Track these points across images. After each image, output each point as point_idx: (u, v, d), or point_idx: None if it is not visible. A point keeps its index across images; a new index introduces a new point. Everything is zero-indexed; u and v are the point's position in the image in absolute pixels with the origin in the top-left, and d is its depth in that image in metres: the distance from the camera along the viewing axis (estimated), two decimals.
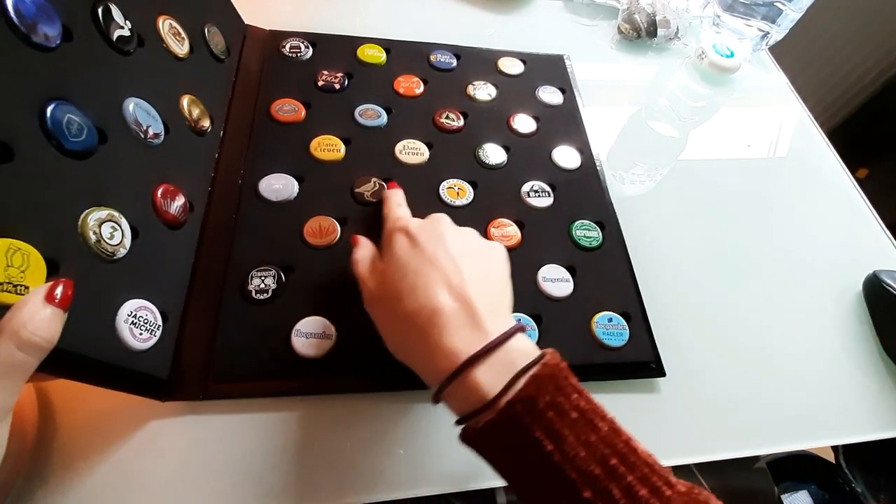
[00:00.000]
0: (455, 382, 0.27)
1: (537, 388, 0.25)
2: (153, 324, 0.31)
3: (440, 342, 0.28)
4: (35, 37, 0.26)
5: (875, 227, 0.54)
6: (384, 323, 0.32)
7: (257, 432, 0.34)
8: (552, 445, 0.24)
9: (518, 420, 0.25)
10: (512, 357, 0.27)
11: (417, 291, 0.29)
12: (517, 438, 0.25)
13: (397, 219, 0.35)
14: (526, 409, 0.25)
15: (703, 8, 0.69)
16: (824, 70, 1.25)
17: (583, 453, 0.24)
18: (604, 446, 0.24)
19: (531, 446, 0.25)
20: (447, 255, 0.31)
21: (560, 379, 0.26)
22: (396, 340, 0.31)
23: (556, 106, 0.54)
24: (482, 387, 0.26)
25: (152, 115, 0.35)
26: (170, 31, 0.38)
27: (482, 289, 0.30)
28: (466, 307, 0.28)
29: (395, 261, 0.32)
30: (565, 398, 0.25)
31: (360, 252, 0.35)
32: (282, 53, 0.51)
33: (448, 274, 0.30)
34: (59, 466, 0.31)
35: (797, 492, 0.77)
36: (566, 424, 0.25)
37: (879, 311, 0.47)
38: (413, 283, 0.30)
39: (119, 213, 0.30)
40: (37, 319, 0.22)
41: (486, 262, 0.33)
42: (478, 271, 0.31)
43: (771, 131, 0.61)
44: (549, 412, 0.25)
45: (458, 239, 0.33)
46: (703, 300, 0.45)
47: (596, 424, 0.25)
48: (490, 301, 0.30)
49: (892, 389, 0.44)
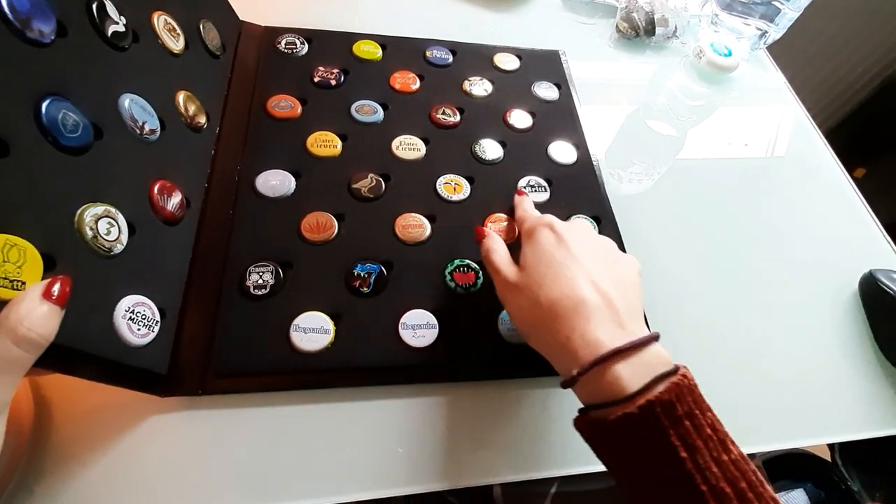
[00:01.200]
0: (595, 371, 0.28)
1: (677, 396, 0.26)
2: (151, 319, 0.31)
3: (585, 331, 0.29)
4: (29, 32, 0.26)
5: (872, 227, 0.54)
6: (521, 309, 0.33)
7: (256, 427, 0.34)
8: (686, 454, 0.25)
9: (656, 421, 0.26)
10: (652, 360, 0.28)
11: (562, 281, 0.31)
12: (650, 438, 0.26)
13: (541, 216, 0.37)
14: (665, 413, 0.26)
15: (701, 7, 0.69)
16: (822, 69, 1.25)
17: (715, 469, 0.25)
18: (735, 469, 0.25)
19: (665, 449, 0.25)
20: (591, 255, 0.32)
21: (696, 394, 0.27)
22: (534, 326, 0.32)
23: (552, 101, 0.54)
24: (622, 381, 0.27)
25: (148, 111, 0.35)
26: (165, 27, 0.38)
27: (621, 292, 0.31)
28: (609, 304, 0.30)
29: (540, 251, 0.33)
30: (701, 413, 0.26)
31: (493, 243, 0.37)
32: (277, 50, 0.51)
33: (591, 271, 0.31)
34: (56, 462, 0.31)
35: (793, 490, 0.78)
36: (701, 438, 0.26)
37: (875, 310, 0.47)
38: (557, 272, 0.31)
39: (116, 210, 0.30)
40: (34, 316, 0.22)
41: (624, 270, 0.33)
42: (617, 276, 0.32)
43: (769, 131, 0.61)
44: (686, 421, 0.26)
45: (599, 244, 0.34)
46: (700, 298, 0.45)
47: (728, 446, 0.26)
48: (629, 304, 0.31)
49: (888, 388, 0.44)
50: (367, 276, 0.39)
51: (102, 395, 0.33)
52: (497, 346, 0.38)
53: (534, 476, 0.35)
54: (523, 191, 0.44)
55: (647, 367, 0.27)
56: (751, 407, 0.41)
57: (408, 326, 0.37)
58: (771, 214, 0.53)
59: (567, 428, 0.37)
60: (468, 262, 0.41)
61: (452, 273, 0.40)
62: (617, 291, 0.31)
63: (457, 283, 0.40)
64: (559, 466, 0.36)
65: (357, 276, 0.39)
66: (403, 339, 0.37)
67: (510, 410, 0.37)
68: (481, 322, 0.39)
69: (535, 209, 0.41)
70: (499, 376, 0.38)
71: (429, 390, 0.37)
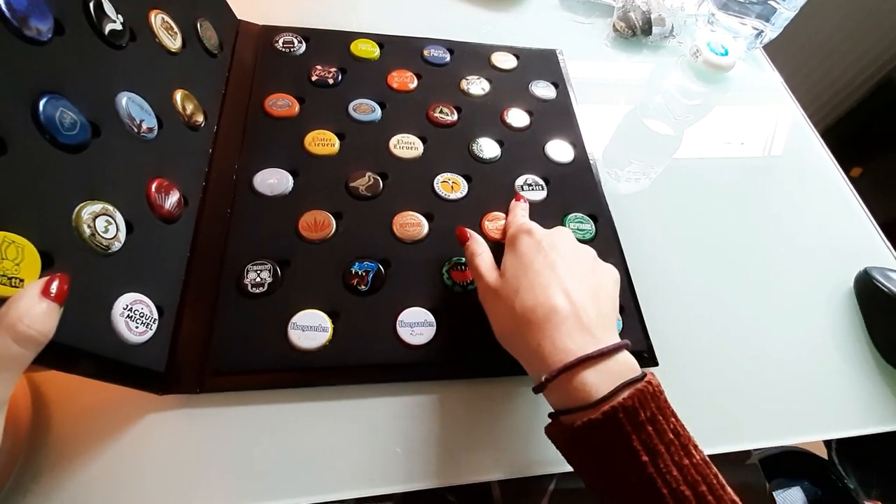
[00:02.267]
0: (563, 377, 0.29)
1: (640, 402, 0.27)
2: (149, 317, 0.31)
3: (555, 338, 0.30)
4: (27, 31, 0.26)
5: (867, 226, 0.55)
6: (498, 314, 0.34)
7: (254, 425, 0.34)
8: (647, 457, 0.26)
9: (619, 427, 0.27)
10: (619, 368, 0.29)
11: (536, 289, 0.32)
12: (614, 443, 0.27)
13: (523, 223, 0.37)
14: (628, 418, 0.27)
15: (697, 6, 0.69)
16: (818, 69, 1.25)
17: (676, 473, 0.26)
18: (696, 473, 0.26)
19: (627, 454, 0.27)
20: (566, 264, 0.33)
21: (660, 400, 0.28)
22: (508, 331, 0.33)
23: (550, 100, 0.54)
24: (588, 387, 0.28)
25: (145, 110, 0.35)
26: (162, 26, 0.38)
27: (594, 301, 0.32)
28: (581, 313, 0.31)
29: (519, 258, 0.34)
30: (664, 419, 0.27)
31: (478, 247, 0.37)
32: (275, 48, 0.51)
33: (565, 280, 0.32)
34: (53, 459, 0.31)
35: (790, 488, 0.78)
36: (663, 443, 0.27)
37: (870, 308, 0.47)
38: (533, 281, 0.32)
39: (113, 208, 0.30)
40: (33, 313, 0.22)
41: (599, 279, 0.34)
42: (592, 285, 0.33)
43: (765, 130, 0.61)
44: (648, 426, 0.27)
45: (578, 253, 0.35)
46: (697, 296, 0.46)
47: (690, 451, 0.27)
48: (601, 313, 0.32)
49: (883, 385, 0.44)
50: (364, 274, 0.39)
51: (100, 393, 0.33)
52: (495, 344, 0.38)
53: (531, 473, 0.35)
54: (521, 195, 0.44)
55: (613, 375, 0.28)
56: (746, 404, 0.41)
57: (405, 324, 0.37)
58: (767, 213, 0.53)
59: None
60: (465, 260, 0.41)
61: (450, 271, 0.40)
62: (590, 300, 0.32)
63: (454, 280, 0.40)
64: (557, 463, 0.36)
65: (355, 274, 0.39)
66: (401, 337, 0.37)
67: (508, 408, 0.37)
68: (479, 320, 0.39)
69: (527, 216, 0.41)
70: (496, 374, 0.38)
71: (426, 388, 0.37)
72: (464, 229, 0.39)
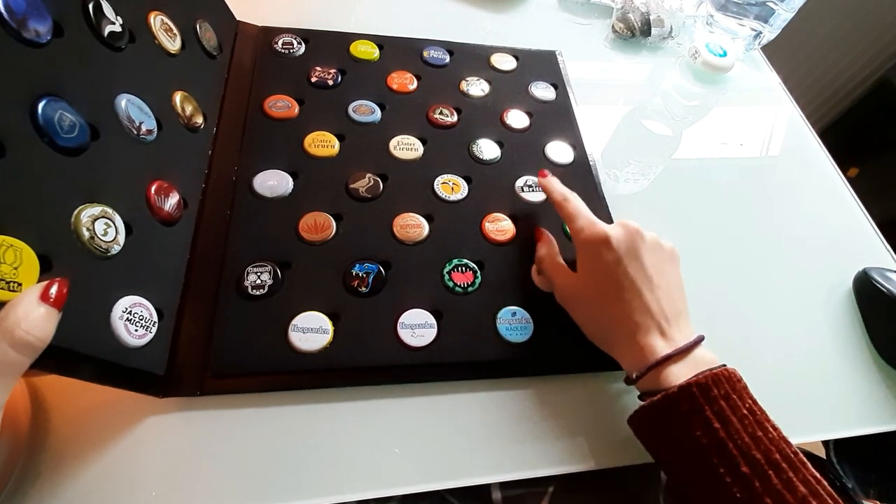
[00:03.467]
0: (651, 373, 0.33)
1: (714, 381, 0.30)
2: (149, 320, 0.31)
3: (641, 341, 0.34)
4: (25, 33, 0.26)
5: (865, 226, 0.55)
6: (585, 317, 0.38)
7: (254, 427, 0.34)
8: (719, 425, 0.29)
9: (692, 398, 0.30)
10: (698, 360, 0.33)
11: (622, 300, 0.35)
12: (689, 412, 0.30)
13: (593, 223, 0.38)
14: (701, 392, 0.30)
15: (696, 7, 0.69)
16: (816, 70, 1.26)
17: (747, 440, 0.28)
18: (771, 444, 0.29)
19: (700, 420, 0.29)
20: (644, 273, 0.35)
21: (735, 383, 0.31)
22: (598, 331, 0.37)
23: (549, 101, 0.54)
24: (671, 377, 0.32)
25: (145, 112, 0.35)
26: (161, 27, 0.38)
27: (670, 302, 0.35)
28: (661, 318, 0.34)
29: (600, 269, 0.36)
30: (739, 399, 0.30)
31: (549, 249, 0.41)
32: (274, 50, 0.51)
33: (643, 289, 0.35)
34: (53, 463, 0.31)
35: None
36: (737, 417, 0.29)
37: (869, 308, 0.47)
38: (616, 291, 0.35)
39: (112, 210, 0.30)
40: (31, 318, 0.22)
41: (669, 275, 0.37)
42: (665, 282, 0.36)
43: (763, 130, 0.61)
44: (721, 401, 0.30)
45: (651, 253, 0.37)
46: (695, 296, 0.45)
47: (766, 427, 0.30)
48: (676, 312, 0.35)
49: (882, 385, 0.44)
50: (365, 275, 0.39)
51: (100, 396, 0.33)
52: (495, 346, 0.38)
53: (532, 475, 0.35)
54: (545, 171, 0.44)
55: (694, 366, 0.32)
56: None
57: (406, 326, 0.37)
58: (765, 213, 0.53)
59: (564, 426, 0.37)
60: (466, 261, 0.41)
61: (450, 272, 0.40)
62: (667, 303, 0.35)
63: (455, 282, 0.40)
64: (557, 465, 0.36)
65: (355, 275, 0.39)
66: (402, 339, 0.37)
67: (508, 409, 0.37)
68: (479, 321, 0.39)
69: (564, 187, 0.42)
70: (497, 375, 0.38)
71: (427, 389, 0.37)
72: (541, 229, 0.43)
